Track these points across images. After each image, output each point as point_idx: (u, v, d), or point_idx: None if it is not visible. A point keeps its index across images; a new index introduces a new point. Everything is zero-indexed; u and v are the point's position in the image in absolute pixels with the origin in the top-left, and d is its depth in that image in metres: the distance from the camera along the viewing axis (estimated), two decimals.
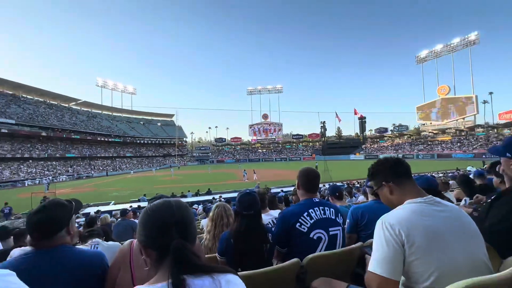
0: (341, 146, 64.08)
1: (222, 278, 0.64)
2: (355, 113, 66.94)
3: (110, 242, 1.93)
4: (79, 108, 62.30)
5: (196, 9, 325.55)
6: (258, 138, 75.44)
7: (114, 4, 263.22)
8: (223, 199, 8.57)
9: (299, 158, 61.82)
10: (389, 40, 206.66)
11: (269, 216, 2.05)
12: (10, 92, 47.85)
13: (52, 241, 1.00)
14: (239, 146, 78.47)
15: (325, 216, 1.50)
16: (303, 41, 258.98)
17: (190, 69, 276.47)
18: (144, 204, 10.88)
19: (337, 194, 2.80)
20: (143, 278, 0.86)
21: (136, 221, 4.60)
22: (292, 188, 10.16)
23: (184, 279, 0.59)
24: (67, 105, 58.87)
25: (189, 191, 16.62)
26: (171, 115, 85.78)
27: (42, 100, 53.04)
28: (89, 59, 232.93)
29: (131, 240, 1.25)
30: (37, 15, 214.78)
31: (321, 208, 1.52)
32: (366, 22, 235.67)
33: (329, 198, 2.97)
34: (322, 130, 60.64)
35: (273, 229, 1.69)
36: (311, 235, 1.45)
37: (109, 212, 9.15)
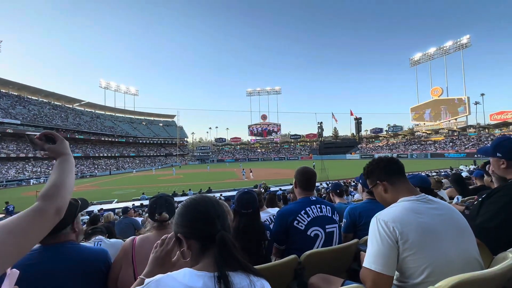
0: (337, 146, 64.21)
1: (258, 281, 0.65)
2: (351, 114, 67.36)
3: (113, 240, 1.96)
4: (82, 109, 62.88)
5: (198, 14, 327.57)
6: (257, 138, 75.54)
7: (117, 7, 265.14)
8: (223, 197, 8.62)
9: (297, 158, 62.00)
10: (385, 43, 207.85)
11: (267, 214, 2.07)
12: (16, 93, 48.47)
13: (57, 238, 1.02)
14: (238, 146, 78.65)
15: (321, 214, 1.53)
16: (301, 44, 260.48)
17: (191, 71, 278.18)
18: (146, 202, 10.98)
19: (338, 191, 2.87)
20: None
21: (137, 219, 4.70)
22: (290, 187, 10.17)
23: (228, 275, 0.60)
24: (71, 106, 59.41)
25: (190, 189, 16.74)
26: (173, 116, 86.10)
27: (46, 101, 53.58)
28: (92, 61, 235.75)
29: (133, 237, 1.28)
30: (42, 18, 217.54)
31: (317, 206, 1.55)
32: (362, 26, 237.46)
33: (331, 194, 3.01)
34: (319, 131, 60.59)
35: (271, 226, 1.71)
36: (308, 232, 1.48)
37: (112, 210, 9.28)
